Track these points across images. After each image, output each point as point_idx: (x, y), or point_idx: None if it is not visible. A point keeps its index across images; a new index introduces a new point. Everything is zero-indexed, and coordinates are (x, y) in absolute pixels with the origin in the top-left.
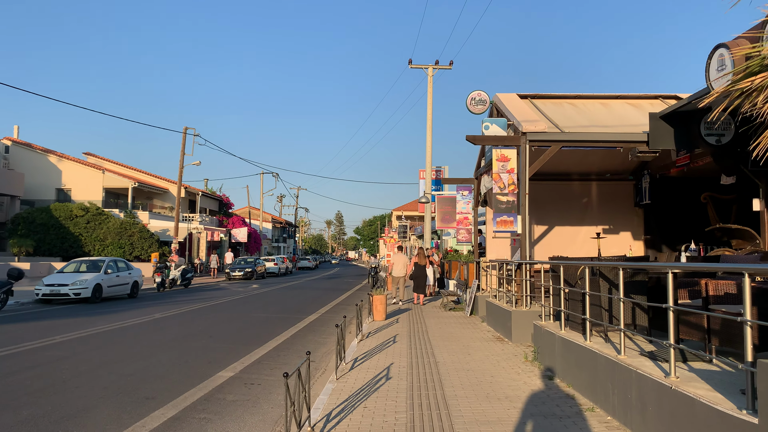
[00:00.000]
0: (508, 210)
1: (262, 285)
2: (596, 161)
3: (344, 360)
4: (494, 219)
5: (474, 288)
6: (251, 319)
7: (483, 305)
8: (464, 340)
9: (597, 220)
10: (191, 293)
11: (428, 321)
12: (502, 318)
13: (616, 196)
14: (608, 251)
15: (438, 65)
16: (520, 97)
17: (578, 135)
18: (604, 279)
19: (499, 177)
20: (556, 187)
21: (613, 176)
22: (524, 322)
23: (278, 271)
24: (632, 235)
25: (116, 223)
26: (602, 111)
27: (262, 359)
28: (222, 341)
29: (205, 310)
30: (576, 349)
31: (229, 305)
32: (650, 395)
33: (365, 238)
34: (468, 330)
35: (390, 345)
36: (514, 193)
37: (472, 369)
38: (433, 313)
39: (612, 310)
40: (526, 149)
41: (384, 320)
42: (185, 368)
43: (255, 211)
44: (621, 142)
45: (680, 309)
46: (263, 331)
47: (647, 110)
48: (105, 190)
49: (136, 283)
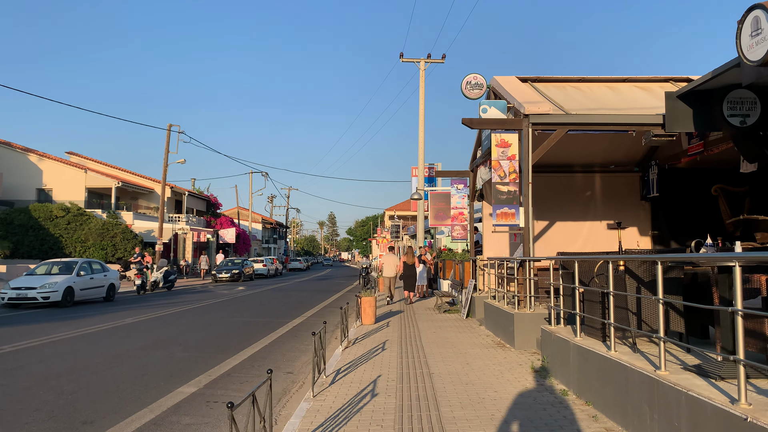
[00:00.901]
0: (509, 201)
1: (249, 287)
2: (600, 151)
3: (325, 372)
4: (494, 211)
5: (470, 288)
6: (230, 324)
7: (480, 307)
8: (461, 346)
9: (601, 214)
10: (172, 296)
11: (421, 324)
12: (503, 321)
13: (621, 188)
14: (612, 248)
15: (430, 59)
16: (520, 81)
17: (586, 117)
18: (631, 276)
19: (499, 165)
20: (558, 180)
21: (618, 168)
22: (528, 325)
23: (267, 272)
24: (639, 231)
25: (98, 224)
26: (609, 94)
27: (233, 371)
28: (192, 350)
29: (183, 314)
30: (597, 360)
31: (210, 309)
32: (711, 426)
33: (358, 238)
34: (465, 335)
35: (378, 353)
36: (516, 183)
37: (472, 382)
38: (427, 315)
39: (641, 313)
40: (529, 133)
41: (373, 324)
42: (141, 383)
43: (244, 212)
44: (634, 125)
45: (749, 312)
46: (240, 338)
47: (658, 93)
48: (87, 190)
49: (112, 286)
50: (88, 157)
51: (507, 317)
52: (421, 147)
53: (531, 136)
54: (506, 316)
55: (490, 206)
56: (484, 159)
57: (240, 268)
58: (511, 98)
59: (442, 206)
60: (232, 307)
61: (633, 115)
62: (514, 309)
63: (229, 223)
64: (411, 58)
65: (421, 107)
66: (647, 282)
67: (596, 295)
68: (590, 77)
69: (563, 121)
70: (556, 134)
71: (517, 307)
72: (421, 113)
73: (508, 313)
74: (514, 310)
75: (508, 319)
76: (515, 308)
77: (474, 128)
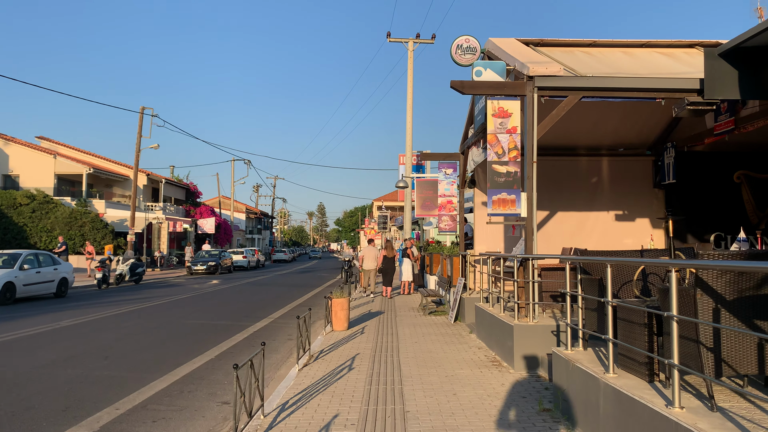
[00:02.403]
0: (508, 185)
1: (224, 280)
2: (609, 132)
3: (263, 411)
4: (489, 197)
5: (459, 288)
6: (181, 328)
7: (471, 310)
8: (447, 364)
9: (608, 203)
10: (136, 291)
11: (402, 331)
12: (499, 332)
13: (631, 174)
14: (620, 243)
15: (419, 39)
16: (522, 43)
17: (605, 81)
18: (706, 292)
19: (496, 139)
20: (559, 164)
21: (628, 151)
22: (532, 340)
23: (247, 264)
24: (650, 222)
25: (65, 213)
26: (625, 60)
27: (152, 401)
28: (116, 366)
29: (134, 314)
30: (650, 418)
31: (168, 307)
32: None
33: (346, 229)
34: (452, 346)
35: (343, 374)
36: (517, 162)
37: (461, 428)
38: (410, 317)
39: (721, 347)
40: (534, 99)
41: (346, 330)
42: (15, 425)
43: (227, 201)
44: (664, 90)
45: None
46: (185, 348)
47: (684, 60)
48: (57, 177)
49: (64, 281)
50: (60, 143)
51: (504, 328)
52: (408, 133)
53: (536, 103)
54: (503, 326)
55: (483, 194)
56: (477, 138)
57: (217, 260)
58: (511, 59)
59: (430, 195)
60: (194, 305)
61: (664, 79)
62: (514, 319)
63: (209, 213)
64: (399, 38)
65: (410, 91)
66: (732, 302)
67: (639, 315)
68: (603, 41)
69: (576, 85)
70: (567, 102)
71: (516, 316)
72: (409, 97)
73: (506, 324)
74: (513, 321)
75: (505, 330)
76: (515, 318)
77: (465, 93)
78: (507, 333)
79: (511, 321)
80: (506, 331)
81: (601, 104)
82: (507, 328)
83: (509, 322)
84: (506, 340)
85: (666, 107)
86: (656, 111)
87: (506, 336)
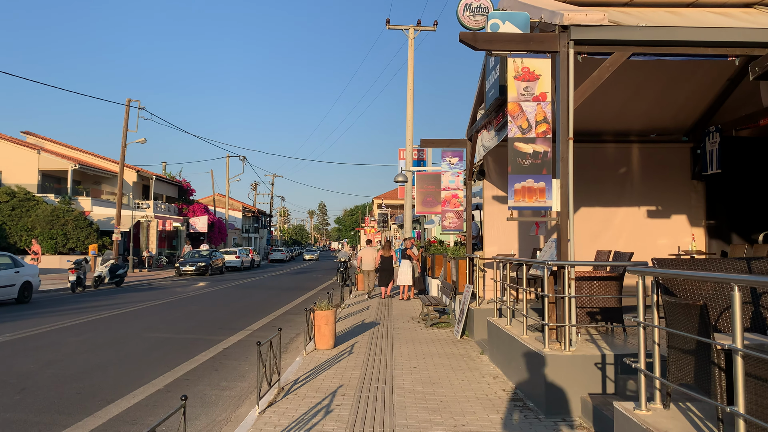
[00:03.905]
0: (535, 169)
1: (212, 282)
2: (639, 114)
3: None
4: (510, 185)
5: (467, 297)
6: (139, 344)
7: (481, 324)
8: (456, 404)
9: (639, 197)
10: (112, 295)
11: (399, 349)
12: (522, 360)
13: (665, 164)
14: (653, 244)
15: (420, 26)
16: None
17: (664, 32)
18: None
19: (520, 109)
20: (581, 153)
21: (662, 137)
22: (569, 376)
23: (241, 265)
24: (688, 220)
25: (47, 210)
26: (673, 19)
27: None
28: (28, 405)
29: (89, 325)
30: None
31: (135, 315)
32: None
33: (346, 228)
34: (461, 373)
35: (318, 422)
36: (547, 139)
37: None
38: (409, 331)
39: None
40: (570, 56)
41: (331, 348)
42: None
43: (223, 199)
44: (740, 44)
45: None
46: (130, 373)
47: (745, 19)
48: (41, 173)
49: (28, 285)
50: (47, 138)
51: (530, 357)
52: (409, 125)
53: (572, 61)
54: (528, 354)
55: (494, 187)
56: (488, 118)
57: (207, 261)
58: (536, 11)
59: (431, 189)
60: (168, 312)
61: (743, 30)
62: (543, 345)
63: (203, 211)
64: (398, 25)
65: (410, 82)
66: None
67: None
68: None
69: (626, 37)
70: (612, 60)
71: (546, 341)
72: (409, 88)
73: (533, 352)
74: (543, 348)
75: (531, 360)
76: (544, 343)
77: (479, 49)
78: (534, 364)
79: (539, 348)
80: (533, 361)
81: (633, 80)
82: (534, 357)
83: (538, 350)
84: (532, 373)
85: (715, 80)
86: (700, 88)
87: (533, 367)
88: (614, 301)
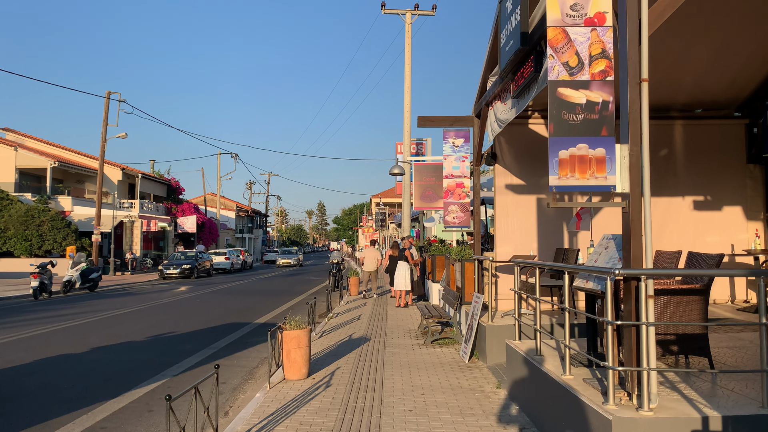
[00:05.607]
0: (591, 129)
1: (195, 287)
2: (686, 84)
3: None
4: (553, 153)
5: (476, 310)
6: (65, 373)
7: (495, 343)
8: None
9: (684, 185)
10: (77, 303)
11: (391, 380)
12: (562, 411)
13: (714, 145)
14: (702, 241)
15: (418, 10)
16: None
17: None
18: None
19: (566, 37)
20: None
21: (709, 112)
22: None
23: (230, 266)
24: (744, 212)
25: (21, 210)
26: None
27: None
28: None
29: (21, 344)
30: None
31: (84, 330)
32: None
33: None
34: (474, 421)
35: None
36: (608, 83)
37: None
38: (405, 351)
39: None
40: None
41: (304, 378)
42: None
43: (215, 198)
44: None
45: None
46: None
47: None
48: (18, 171)
49: None
50: (28, 135)
51: (582, 414)
52: (406, 116)
53: None
54: (579, 409)
55: (508, 172)
56: (503, 84)
57: (193, 263)
58: None
59: (431, 182)
60: (126, 325)
61: None
62: (604, 398)
63: (192, 210)
64: (395, 9)
65: (407, 70)
66: None
67: None
68: None
69: None
70: None
71: (612, 395)
72: (407, 76)
73: (590, 409)
74: (607, 404)
75: (585, 420)
76: (607, 395)
77: None
78: (589, 426)
79: (597, 403)
80: (587, 421)
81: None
82: (590, 418)
83: (596, 407)
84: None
85: None
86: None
87: (587, 430)
88: (697, 325)
